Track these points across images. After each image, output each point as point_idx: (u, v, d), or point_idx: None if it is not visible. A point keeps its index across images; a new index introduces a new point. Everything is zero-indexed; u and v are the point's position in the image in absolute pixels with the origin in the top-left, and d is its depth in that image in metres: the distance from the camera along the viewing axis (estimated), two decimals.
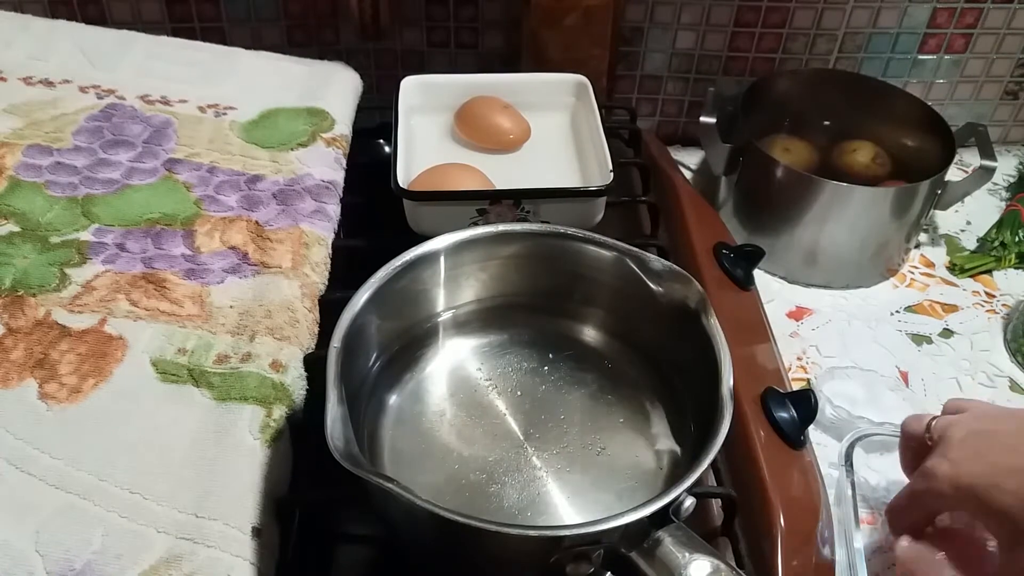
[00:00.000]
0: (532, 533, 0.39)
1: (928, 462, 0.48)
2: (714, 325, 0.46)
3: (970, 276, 0.79)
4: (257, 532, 0.42)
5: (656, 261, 0.49)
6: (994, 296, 0.77)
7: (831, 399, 0.64)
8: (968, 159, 0.89)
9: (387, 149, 0.67)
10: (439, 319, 0.53)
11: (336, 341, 0.44)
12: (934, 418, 0.51)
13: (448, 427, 0.49)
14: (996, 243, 0.80)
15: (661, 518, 0.39)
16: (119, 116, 0.66)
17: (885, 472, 0.60)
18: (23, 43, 0.71)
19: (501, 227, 0.51)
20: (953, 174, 0.76)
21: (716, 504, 0.51)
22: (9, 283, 0.52)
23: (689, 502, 0.40)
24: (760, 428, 0.51)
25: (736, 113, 0.78)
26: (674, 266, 0.49)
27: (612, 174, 0.61)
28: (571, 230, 0.51)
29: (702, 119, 0.81)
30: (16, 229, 0.56)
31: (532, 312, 0.54)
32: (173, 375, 0.48)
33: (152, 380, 0.48)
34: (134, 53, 0.72)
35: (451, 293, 0.53)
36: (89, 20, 0.78)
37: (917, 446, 0.51)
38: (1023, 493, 0.43)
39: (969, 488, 0.45)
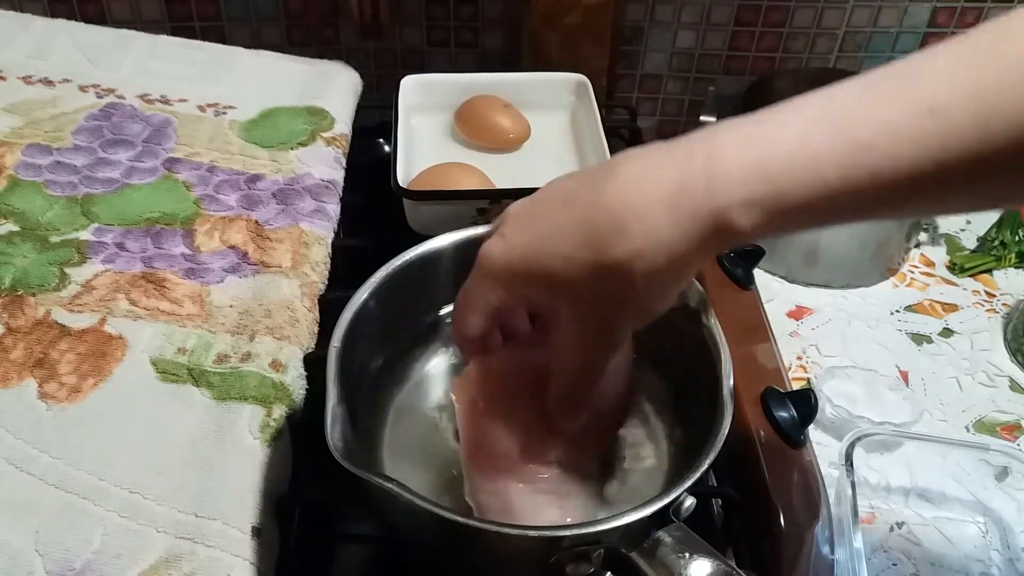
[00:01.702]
0: (532, 533, 0.39)
1: (483, 246, 0.40)
2: (714, 325, 0.46)
3: (970, 275, 0.79)
4: (257, 532, 0.42)
5: None
6: (994, 295, 0.77)
7: (831, 399, 0.64)
8: None
9: (387, 148, 0.67)
10: (439, 319, 0.53)
11: (336, 341, 0.44)
12: None
13: (448, 427, 0.49)
14: (996, 242, 0.80)
15: (661, 518, 0.39)
16: (119, 115, 0.66)
17: (885, 472, 0.60)
18: (23, 43, 0.71)
19: None
20: None
21: (716, 504, 0.51)
22: (9, 282, 0.52)
23: (689, 502, 0.40)
24: (760, 428, 0.51)
25: (736, 112, 0.78)
26: None
27: None
28: None
29: (702, 118, 0.81)
30: (16, 228, 0.56)
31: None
32: (173, 374, 0.48)
33: (152, 379, 0.48)
34: (134, 52, 0.72)
35: (451, 293, 0.53)
36: (88, 19, 0.78)
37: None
38: (568, 251, 0.35)
39: (520, 259, 0.37)
